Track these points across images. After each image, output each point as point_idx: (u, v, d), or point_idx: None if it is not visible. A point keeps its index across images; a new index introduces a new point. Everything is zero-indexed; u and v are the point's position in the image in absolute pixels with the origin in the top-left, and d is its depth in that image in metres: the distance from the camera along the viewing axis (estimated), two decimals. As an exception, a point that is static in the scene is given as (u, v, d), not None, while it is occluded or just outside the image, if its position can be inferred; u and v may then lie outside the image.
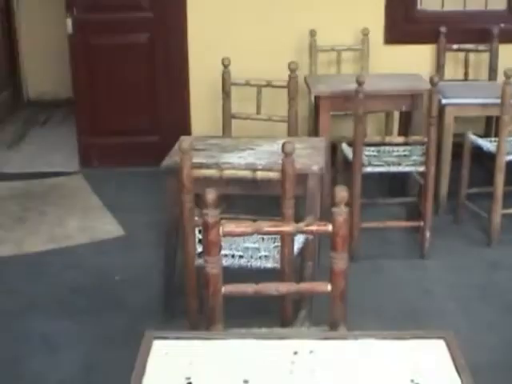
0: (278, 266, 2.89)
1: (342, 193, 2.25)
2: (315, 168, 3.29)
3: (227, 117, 4.33)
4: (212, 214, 2.23)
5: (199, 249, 2.98)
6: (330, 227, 2.29)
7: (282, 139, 3.70)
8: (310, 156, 3.43)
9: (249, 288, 2.32)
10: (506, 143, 4.06)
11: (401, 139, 3.88)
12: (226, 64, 4.25)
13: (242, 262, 2.94)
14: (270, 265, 2.93)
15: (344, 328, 2.37)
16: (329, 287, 2.34)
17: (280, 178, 2.74)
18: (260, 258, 2.98)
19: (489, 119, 5.17)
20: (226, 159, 3.36)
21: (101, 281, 3.90)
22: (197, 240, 2.97)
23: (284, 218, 2.78)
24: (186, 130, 5.38)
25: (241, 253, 3.01)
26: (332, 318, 2.37)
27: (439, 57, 5.29)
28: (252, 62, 5.17)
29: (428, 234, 4.05)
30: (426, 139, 3.86)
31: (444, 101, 4.37)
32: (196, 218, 2.90)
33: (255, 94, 4.31)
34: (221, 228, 2.26)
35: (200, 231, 3.05)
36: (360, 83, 3.77)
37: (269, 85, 4.26)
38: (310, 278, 3.28)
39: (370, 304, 3.65)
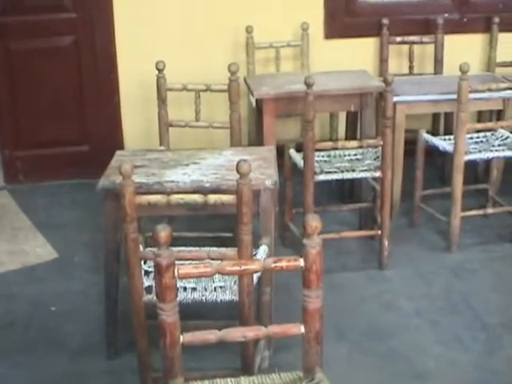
0: (235, 298, 2.59)
1: (314, 222, 1.97)
2: (268, 183, 3.00)
3: (163, 125, 3.99)
4: (166, 255, 1.92)
5: (146, 282, 2.66)
6: (301, 262, 2.01)
7: (227, 150, 3.43)
8: (261, 168, 3.13)
9: (211, 335, 2.02)
10: (463, 142, 3.83)
11: (355, 143, 3.62)
12: (160, 68, 3.91)
13: (196, 295, 2.63)
14: (227, 297, 2.63)
15: (321, 374, 2.09)
16: (302, 329, 2.06)
17: (235, 201, 2.43)
18: (215, 289, 2.67)
19: (436, 115, 4.96)
20: (169, 177, 3.04)
21: (35, 313, 3.52)
22: (143, 272, 2.65)
23: (241, 245, 2.48)
24: (118, 139, 5.03)
25: (193, 285, 2.70)
26: (307, 363, 2.09)
27: (382, 50, 5.05)
28: (186, 63, 4.85)
29: (386, 243, 3.80)
30: (381, 142, 3.60)
31: (395, 98, 4.12)
32: (141, 249, 2.58)
33: (193, 100, 3.98)
34: (176, 270, 1.95)
35: (145, 262, 2.74)
36: (309, 84, 3.49)
37: (208, 89, 3.93)
38: (268, 305, 2.99)
39: (330, 324, 3.36)
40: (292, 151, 3.89)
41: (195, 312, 2.76)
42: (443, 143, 4.02)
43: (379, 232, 3.80)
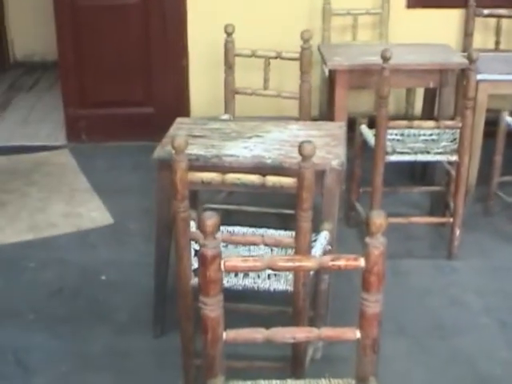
0: (290, 288, 2.40)
1: (378, 220, 1.75)
2: (335, 163, 2.78)
3: (229, 92, 3.80)
4: (211, 246, 1.73)
5: (195, 264, 2.49)
6: (362, 262, 1.80)
7: (294, 123, 3.21)
8: (328, 146, 2.91)
9: (257, 335, 1.84)
10: (549, 128, 3.53)
11: (431, 124, 3.35)
12: (229, 31, 3.70)
13: (247, 282, 2.44)
14: (281, 287, 2.43)
15: (375, 384, 1.89)
16: (358, 334, 1.86)
17: (295, 185, 2.23)
18: (269, 277, 2.47)
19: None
20: (228, 150, 2.85)
21: (85, 281, 3.40)
22: (192, 253, 2.48)
23: (300, 232, 2.27)
24: (183, 103, 4.87)
25: (245, 270, 2.50)
26: (360, 371, 1.89)
27: (468, 23, 4.73)
28: (257, 28, 4.64)
29: (458, 232, 3.55)
30: (460, 124, 3.33)
31: (478, 76, 3.82)
32: (193, 226, 2.40)
33: (261, 67, 3.76)
34: (222, 262, 1.76)
35: (196, 242, 2.56)
36: (385, 58, 3.23)
37: (278, 56, 3.71)
38: (325, 294, 2.79)
39: (389, 317, 3.12)
40: (363, 127, 3.64)
41: (248, 292, 2.57)
42: (526, 127, 3.71)
43: (451, 219, 3.54)
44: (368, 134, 3.59)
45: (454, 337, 3.06)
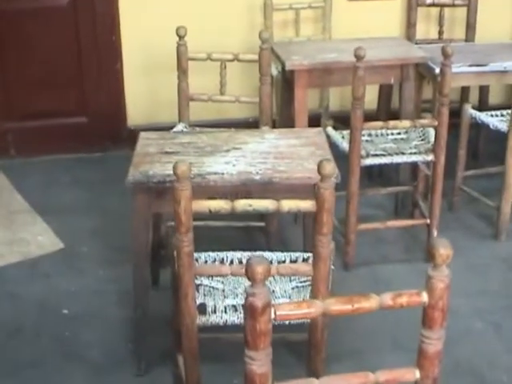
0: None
1: (444, 250, 1.56)
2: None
3: (184, 99, 3.53)
4: (262, 295, 1.49)
5: (197, 299, 2.24)
6: (424, 297, 1.60)
7: (269, 132, 3.00)
8: (315, 156, 2.70)
9: (310, 386, 1.60)
10: (519, 121, 3.44)
11: (407, 123, 3.19)
12: (181, 34, 3.43)
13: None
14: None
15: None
16: (417, 374, 1.66)
17: (314, 208, 2.01)
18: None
19: (482, 88, 4.54)
20: (210, 167, 2.60)
21: (45, 317, 3.08)
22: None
23: (319, 258, 2.06)
24: (120, 110, 4.56)
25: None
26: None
27: (410, 13, 4.61)
28: (194, 26, 4.34)
29: (435, 234, 3.41)
30: (436, 122, 3.19)
31: (437, 70, 3.69)
32: (196, 264, 2.15)
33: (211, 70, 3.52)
34: (272, 310, 1.53)
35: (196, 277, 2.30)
36: (359, 57, 3.04)
37: (236, 59, 3.46)
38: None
39: (378, 327, 2.99)
40: (330, 130, 3.46)
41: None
42: (494, 121, 3.61)
43: (428, 221, 3.40)
44: (336, 136, 3.41)
45: (452, 346, 2.89)
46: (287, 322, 2.11)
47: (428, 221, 3.40)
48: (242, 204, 2.00)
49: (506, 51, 3.92)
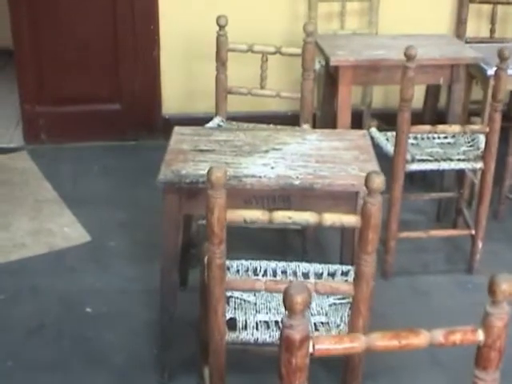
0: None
1: (505, 285, 1.39)
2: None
3: (222, 91, 3.37)
4: (300, 327, 1.34)
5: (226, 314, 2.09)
6: (480, 336, 1.43)
7: (311, 132, 2.83)
8: (358, 162, 2.53)
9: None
10: None
11: (457, 128, 3.00)
12: (221, 24, 3.27)
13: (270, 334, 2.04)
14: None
15: None
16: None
17: (359, 224, 1.85)
18: (315, 326, 2.08)
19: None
20: (247, 169, 2.44)
21: (68, 315, 2.95)
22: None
23: (361, 278, 1.90)
24: (155, 98, 4.42)
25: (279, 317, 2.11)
26: None
27: (461, 10, 4.40)
28: (234, 19, 4.19)
29: (480, 245, 3.23)
30: (487, 129, 3.00)
31: (489, 71, 3.49)
32: (228, 277, 1.99)
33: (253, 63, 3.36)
34: (311, 344, 1.37)
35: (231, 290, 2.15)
36: (410, 57, 2.86)
37: (278, 52, 3.30)
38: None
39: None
40: (374, 131, 3.28)
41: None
42: (549, 128, 3.40)
43: (473, 231, 3.22)
44: (381, 138, 3.23)
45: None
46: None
47: (473, 231, 3.22)
48: (281, 216, 1.84)
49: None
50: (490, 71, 3.48)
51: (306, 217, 1.85)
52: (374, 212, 1.82)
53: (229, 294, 2.17)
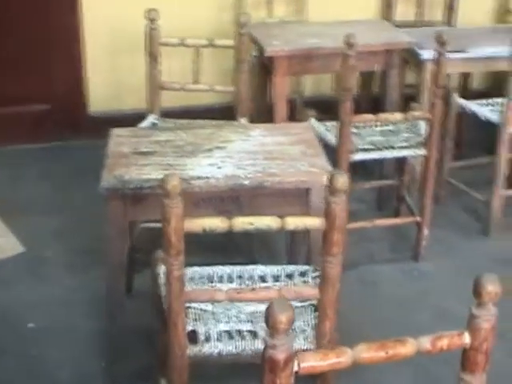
0: (311, 346, 1.95)
1: (493, 288, 1.35)
2: (326, 179, 2.33)
3: (155, 88, 3.24)
4: (284, 347, 1.26)
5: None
6: (466, 339, 1.38)
7: (254, 127, 2.74)
8: (307, 156, 2.46)
9: None
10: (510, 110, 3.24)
11: (400, 116, 2.97)
12: (152, 18, 3.14)
13: (256, 344, 1.95)
14: (299, 345, 1.96)
15: None
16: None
17: (323, 226, 1.77)
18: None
19: (465, 76, 4.32)
20: (193, 170, 2.34)
21: (8, 332, 2.79)
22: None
23: (327, 281, 1.83)
24: (79, 96, 4.24)
25: (249, 326, 2.02)
26: None
27: (388, -7, 4.38)
28: (162, 8, 4.06)
29: (426, 232, 3.22)
30: (429, 115, 2.97)
31: (424, 55, 3.47)
32: (187, 289, 1.89)
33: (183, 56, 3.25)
34: (296, 363, 1.29)
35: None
36: (350, 44, 2.80)
37: (210, 44, 3.19)
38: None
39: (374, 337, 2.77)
40: (314, 122, 3.21)
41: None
42: (485, 112, 3.40)
43: (418, 219, 3.20)
44: (321, 129, 3.17)
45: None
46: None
47: (418, 218, 3.20)
48: (241, 222, 1.75)
49: (490, 36, 3.73)
50: (425, 55, 3.47)
51: (268, 222, 1.77)
52: (339, 212, 1.75)
53: (186, 304, 2.07)
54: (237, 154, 2.45)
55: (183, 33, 3.30)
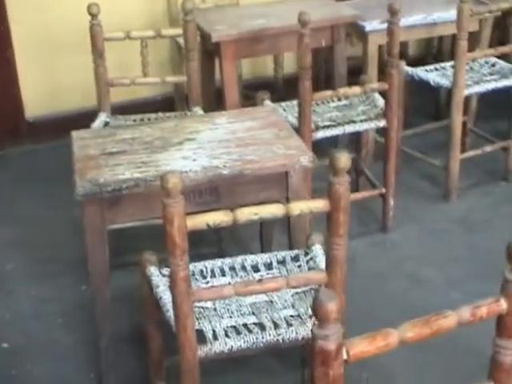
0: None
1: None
2: (305, 160, 2.29)
3: (103, 85, 3.12)
4: (335, 336, 1.21)
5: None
6: (503, 304, 1.36)
7: (218, 115, 2.67)
8: (281, 139, 2.41)
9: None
10: (464, 75, 3.26)
11: (358, 89, 2.94)
12: (93, 12, 3.01)
13: (266, 336, 1.90)
14: (310, 331, 1.92)
15: None
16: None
17: (328, 208, 1.73)
18: (287, 322, 1.95)
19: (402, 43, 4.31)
20: (167, 165, 2.26)
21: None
22: (186, 313, 1.90)
23: (335, 263, 1.79)
24: (14, 101, 4.07)
25: (254, 318, 1.96)
26: None
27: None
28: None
29: (392, 203, 3.22)
30: (386, 85, 2.96)
31: (367, 27, 3.46)
32: (193, 288, 1.82)
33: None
34: (345, 352, 1.25)
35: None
36: (304, 22, 2.76)
37: (158, 35, 3.09)
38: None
39: (355, 313, 2.73)
40: (269, 103, 3.15)
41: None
42: (435, 77, 3.42)
43: (383, 190, 3.20)
44: (279, 110, 3.11)
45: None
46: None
47: (383, 190, 3.20)
48: (246, 213, 1.70)
49: (431, 1, 3.74)
50: (368, 27, 3.46)
51: (273, 210, 1.71)
52: (343, 192, 1.72)
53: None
54: (208, 144, 2.38)
55: (115, 28, 3.20)
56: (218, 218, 1.69)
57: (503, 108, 3.67)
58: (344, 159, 1.68)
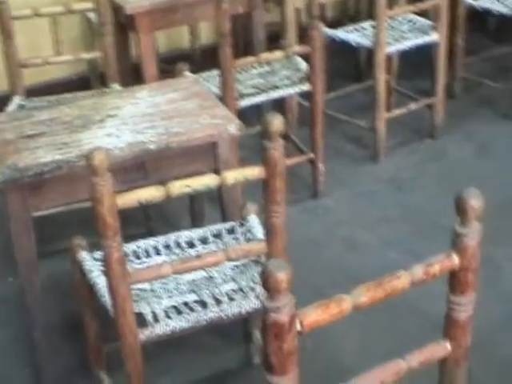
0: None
1: (476, 203, 1.29)
2: (233, 128, 2.22)
3: (15, 67, 2.97)
4: (287, 308, 1.15)
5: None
6: (455, 260, 1.33)
7: (139, 89, 2.57)
8: (206, 109, 2.33)
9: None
10: (385, 33, 3.23)
11: (280, 54, 2.88)
12: (-4, -9, 2.86)
13: (211, 314, 1.83)
14: (253, 304, 1.86)
15: None
16: (448, 346, 1.41)
17: (263, 175, 1.67)
18: (230, 297, 1.89)
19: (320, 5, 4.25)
20: (90, 144, 2.15)
21: None
22: (124, 297, 1.81)
23: (274, 232, 1.73)
24: None
25: (194, 296, 1.89)
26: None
27: None
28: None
29: (322, 168, 3.18)
30: (309, 48, 2.91)
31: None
32: (129, 270, 1.73)
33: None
34: (298, 323, 1.20)
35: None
36: (222, -11, 2.67)
37: (69, 11, 2.96)
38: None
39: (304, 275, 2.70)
40: (188, 75, 3.06)
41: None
42: (356, 38, 3.38)
43: (312, 155, 3.16)
44: (200, 81, 3.02)
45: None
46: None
47: (312, 155, 3.15)
48: (179, 187, 1.62)
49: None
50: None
51: (207, 181, 1.64)
52: (278, 158, 1.65)
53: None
54: (131, 120, 2.29)
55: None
56: (149, 193, 1.61)
57: (424, 66, 3.66)
58: (277, 122, 1.62)
